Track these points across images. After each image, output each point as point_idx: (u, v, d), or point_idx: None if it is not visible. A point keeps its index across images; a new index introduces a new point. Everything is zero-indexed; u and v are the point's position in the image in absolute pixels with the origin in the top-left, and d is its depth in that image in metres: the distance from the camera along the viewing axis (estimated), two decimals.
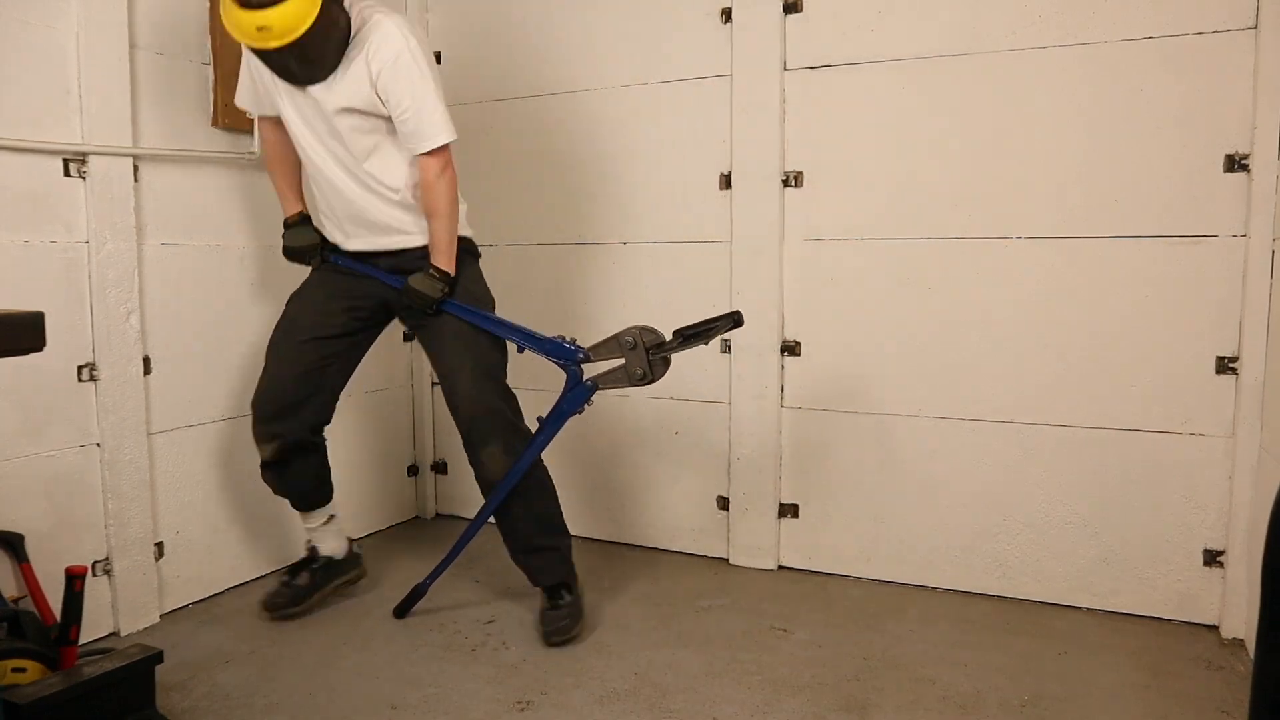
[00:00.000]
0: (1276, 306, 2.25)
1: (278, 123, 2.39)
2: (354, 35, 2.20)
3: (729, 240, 2.89)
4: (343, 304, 2.43)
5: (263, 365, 2.46)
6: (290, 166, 2.47)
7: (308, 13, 2.03)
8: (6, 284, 2.16)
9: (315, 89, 2.23)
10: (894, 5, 2.64)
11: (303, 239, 2.47)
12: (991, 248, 2.60)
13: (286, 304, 2.50)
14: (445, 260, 2.32)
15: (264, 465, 2.48)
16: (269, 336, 2.48)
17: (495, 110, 3.19)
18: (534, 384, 2.86)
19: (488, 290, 2.48)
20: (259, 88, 2.35)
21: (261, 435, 2.43)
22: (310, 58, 2.14)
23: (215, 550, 2.70)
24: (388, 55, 2.17)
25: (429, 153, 2.24)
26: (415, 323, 2.45)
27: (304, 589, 2.57)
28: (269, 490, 2.84)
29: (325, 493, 2.60)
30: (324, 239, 2.48)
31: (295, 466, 2.49)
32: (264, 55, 2.12)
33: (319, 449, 2.54)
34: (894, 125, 2.67)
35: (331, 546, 2.63)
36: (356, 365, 2.54)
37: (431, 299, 2.30)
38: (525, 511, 2.41)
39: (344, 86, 2.21)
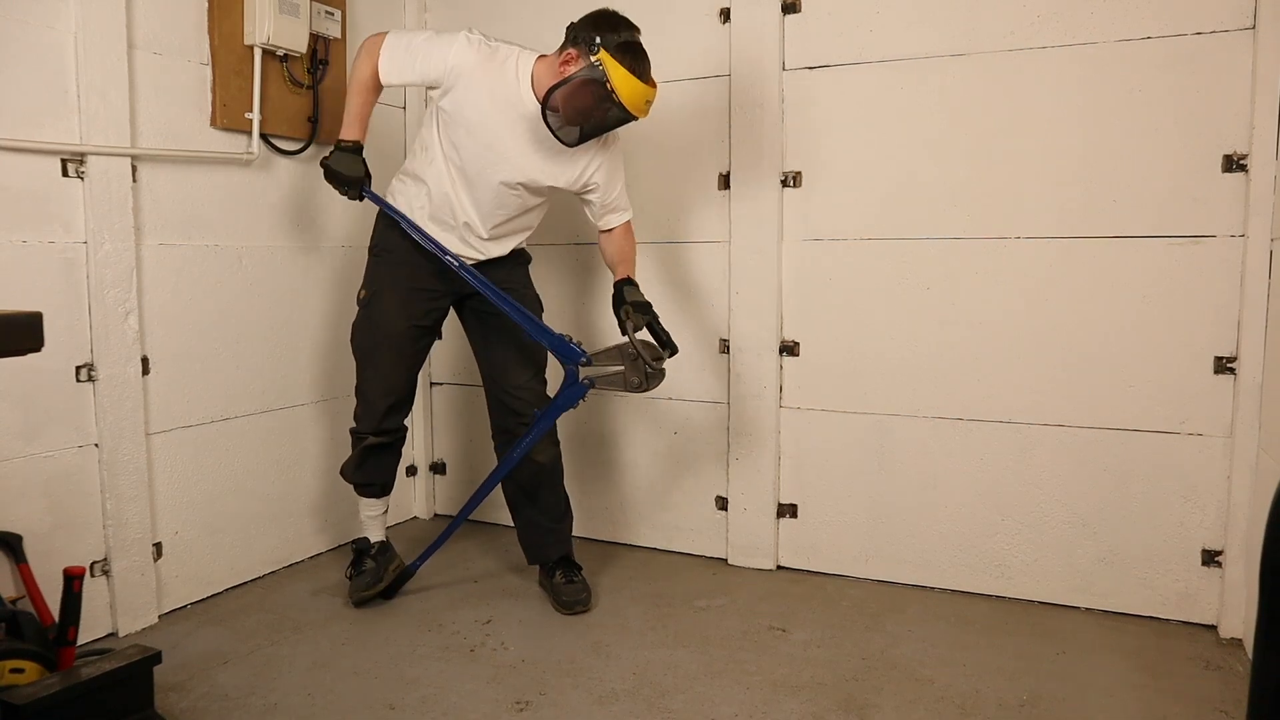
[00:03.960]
0: (1274, 306, 2.25)
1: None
2: None
3: (728, 240, 2.89)
4: (424, 303, 2.58)
5: (365, 373, 2.62)
6: (373, 99, 2.49)
7: None
8: (4, 284, 2.16)
9: (546, 159, 2.41)
10: (892, 5, 2.65)
11: (352, 168, 2.46)
12: (990, 248, 2.60)
13: (364, 317, 2.59)
14: (635, 280, 2.55)
15: (358, 454, 2.65)
16: (360, 342, 2.61)
17: None
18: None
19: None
20: (415, 73, 2.41)
21: (375, 429, 2.62)
22: None
23: (214, 551, 2.70)
24: (613, 153, 2.51)
25: (625, 222, 2.59)
26: (477, 317, 2.64)
27: (376, 572, 2.68)
28: (267, 491, 2.85)
29: (393, 482, 2.79)
30: (368, 173, 2.50)
31: (386, 456, 2.70)
32: (618, 119, 2.31)
33: (403, 436, 2.77)
34: (892, 125, 2.68)
35: (378, 534, 2.78)
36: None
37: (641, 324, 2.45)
38: (552, 495, 2.67)
39: (564, 169, 2.45)
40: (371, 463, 2.68)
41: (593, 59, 2.22)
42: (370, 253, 2.61)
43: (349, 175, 2.45)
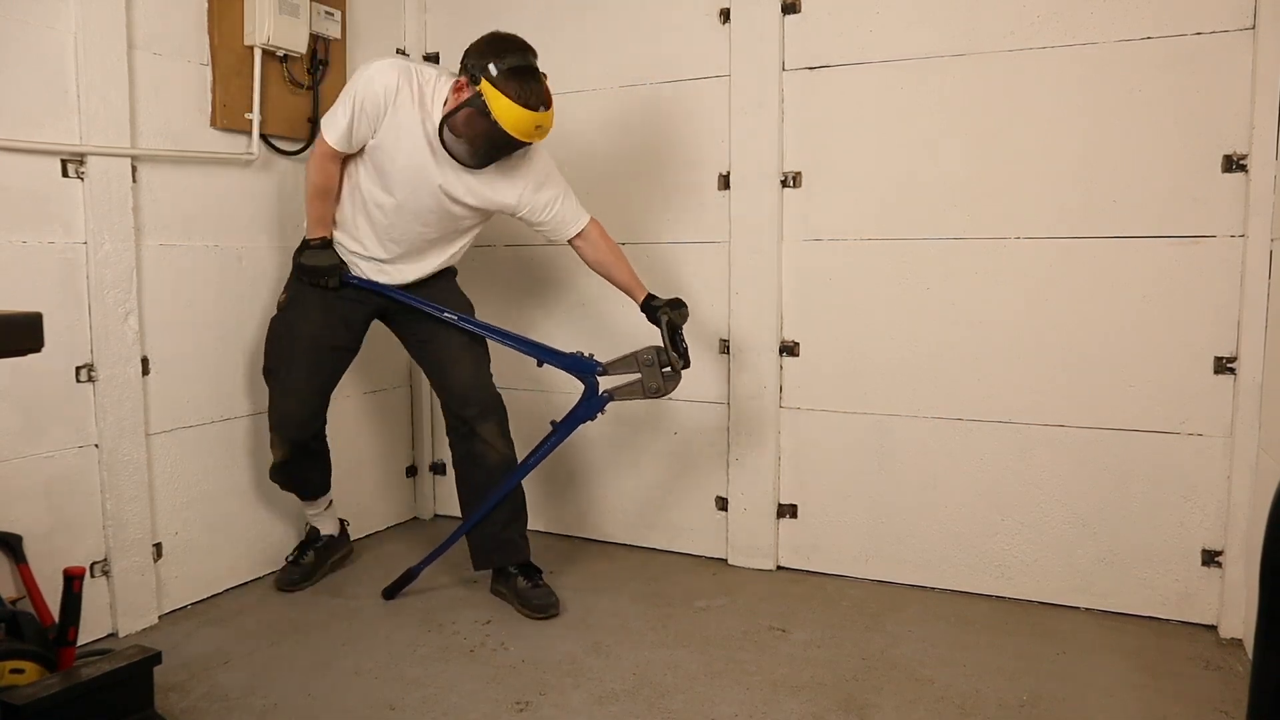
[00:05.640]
0: (1274, 306, 2.25)
1: (340, 160, 2.45)
2: None
3: (728, 240, 2.89)
4: (343, 317, 2.58)
5: (276, 377, 2.59)
6: (332, 203, 2.51)
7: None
8: (4, 284, 2.16)
9: (470, 181, 2.40)
10: (892, 5, 2.64)
11: (328, 259, 2.51)
12: (990, 248, 2.60)
13: (282, 319, 2.59)
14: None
15: (275, 465, 2.68)
16: (273, 347, 2.59)
17: None
18: (535, 386, 2.87)
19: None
20: (358, 135, 2.37)
21: (281, 442, 2.62)
22: None
23: (214, 551, 2.70)
24: (540, 169, 2.46)
25: (588, 225, 2.55)
26: (406, 325, 2.66)
27: (311, 566, 2.83)
28: (267, 491, 2.85)
29: (328, 482, 2.84)
30: (341, 261, 2.54)
31: (305, 464, 2.71)
32: (510, 145, 2.29)
33: (324, 444, 2.76)
34: (892, 125, 2.68)
35: (329, 527, 2.90)
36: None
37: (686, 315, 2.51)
38: (516, 499, 2.66)
39: (496, 187, 2.42)
40: (295, 472, 2.71)
41: (476, 88, 2.21)
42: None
43: (325, 265, 2.49)
